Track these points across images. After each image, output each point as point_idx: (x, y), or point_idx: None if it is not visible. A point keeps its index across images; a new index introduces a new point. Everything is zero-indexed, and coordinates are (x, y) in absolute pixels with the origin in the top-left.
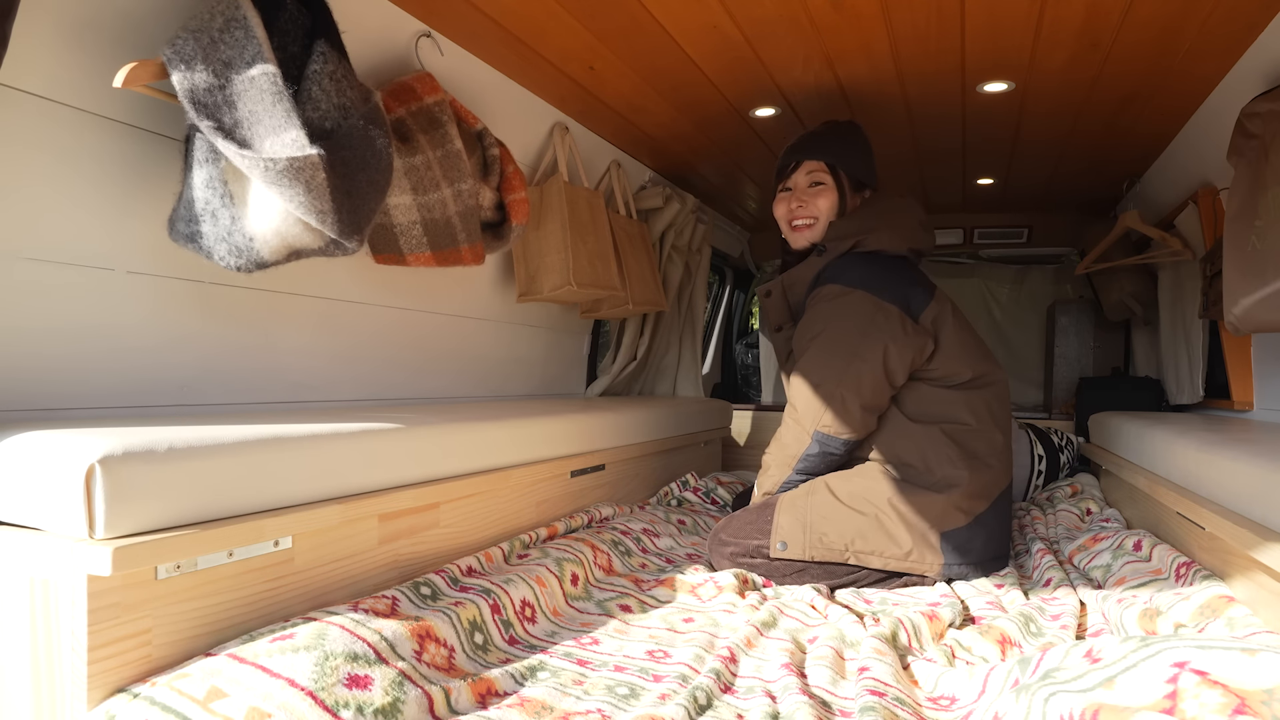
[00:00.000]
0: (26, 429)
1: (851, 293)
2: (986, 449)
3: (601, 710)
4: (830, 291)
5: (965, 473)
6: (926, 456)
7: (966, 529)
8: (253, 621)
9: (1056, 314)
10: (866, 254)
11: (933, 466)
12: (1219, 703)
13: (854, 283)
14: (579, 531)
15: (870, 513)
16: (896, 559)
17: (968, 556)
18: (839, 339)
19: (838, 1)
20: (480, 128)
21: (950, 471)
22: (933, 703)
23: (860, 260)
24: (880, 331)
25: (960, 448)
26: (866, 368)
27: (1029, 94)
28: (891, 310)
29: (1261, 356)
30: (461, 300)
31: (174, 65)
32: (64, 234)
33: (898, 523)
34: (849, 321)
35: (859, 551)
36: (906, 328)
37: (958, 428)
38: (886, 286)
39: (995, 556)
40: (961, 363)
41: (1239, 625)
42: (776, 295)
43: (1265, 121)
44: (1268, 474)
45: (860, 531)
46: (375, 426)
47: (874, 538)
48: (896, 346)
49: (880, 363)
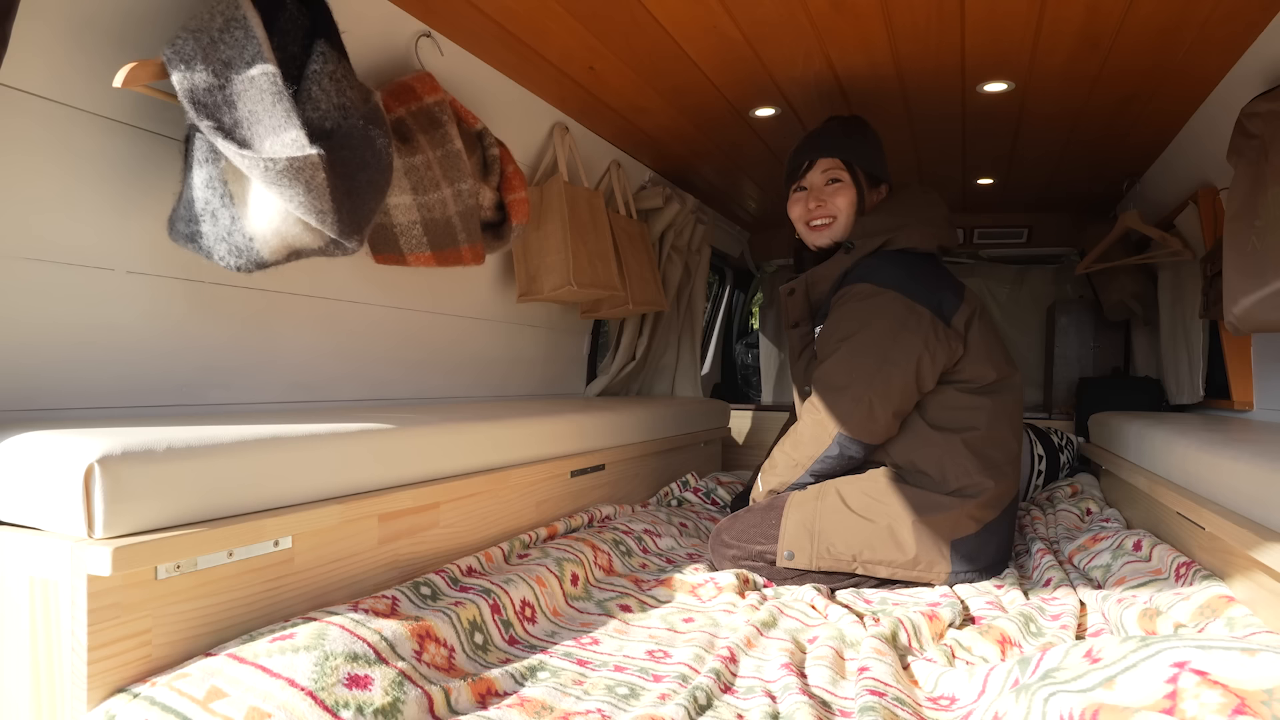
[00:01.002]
0: (26, 429)
1: (884, 293)
2: (1003, 457)
3: (601, 710)
4: (862, 290)
5: (981, 482)
6: (944, 467)
7: (976, 537)
8: (253, 621)
9: (1056, 314)
10: (896, 252)
11: (949, 477)
12: (1219, 703)
13: (887, 282)
14: (579, 531)
15: (882, 522)
16: (904, 568)
17: (976, 564)
18: (870, 341)
19: (837, 1)
20: (480, 128)
21: (966, 482)
22: (933, 703)
23: (891, 259)
24: (913, 335)
25: (978, 458)
26: (897, 372)
27: (1029, 94)
28: (924, 313)
29: (1261, 356)
30: (461, 300)
31: (174, 65)
32: (64, 234)
33: (908, 533)
34: (881, 323)
35: (866, 561)
36: (939, 332)
37: (977, 435)
38: (920, 288)
39: (1000, 560)
40: (988, 365)
41: (1239, 625)
42: (800, 293)
43: (1265, 121)
44: (1268, 474)
45: (869, 542)
46: (375, 426)
47: (882, 548)
48: (929, 352)
49: (912, 368)
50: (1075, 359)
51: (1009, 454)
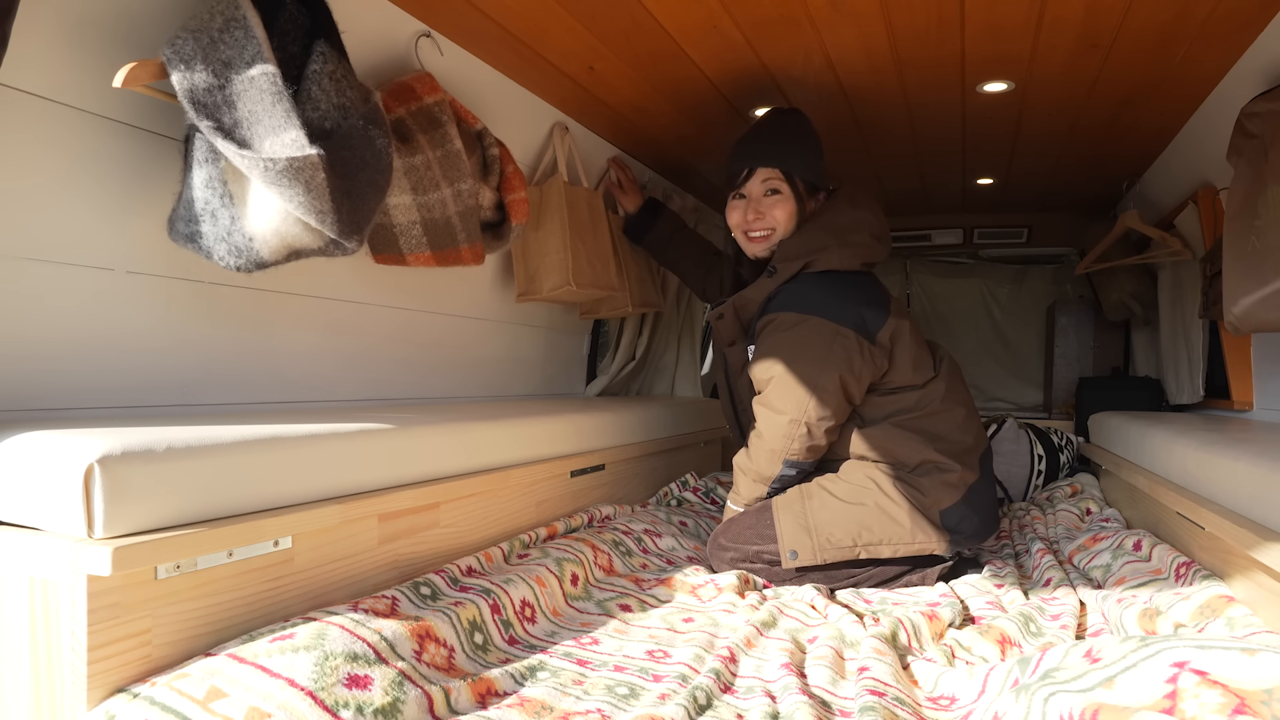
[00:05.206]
0: (26, 429)
1: (807, 320)
2: (946, 426)
3: (601, 710)
4: (784, 320)
5: (933, 452)
6: (889, 449)
7: (963, 503)
8: (252, 621)
9: (1056, 314)
10: (818, 274)
11: (900, 457)
12: (1219, 702)
13: (808, 309)
14: (579, 531)
15: (870, 501)
16: (905, 543)
17: (969, 526)
18: (799, 369)
19: (837, 1)
20: (480, 128)
21: (921, 456)
22: (932, 702)
23: (813, 281)
24: (837, 359)
25: (920, 433)
26: (829, 396)
27: (1029, 94)
28: (848, 334)
29: (1261, 356)
30: (461, 300)
31: (174, 65)
32: (64, 234)
33: (897, 506)
34: (806, 352)
35: (868, 544)
36: (864, 351)
37: (909, 416)
38: (842, 308)
39: (993, 519)
40: (911, 372)
41: (1239, 625)
42: (729, 317)
43: (1265, 121)
44: (1268, 474)
45: (864, 523)
46: (375, 426)
47: (879, 527)
48: (854, 373)
49: (839, 389)
50: (1075, 359)
51: (955, 420)
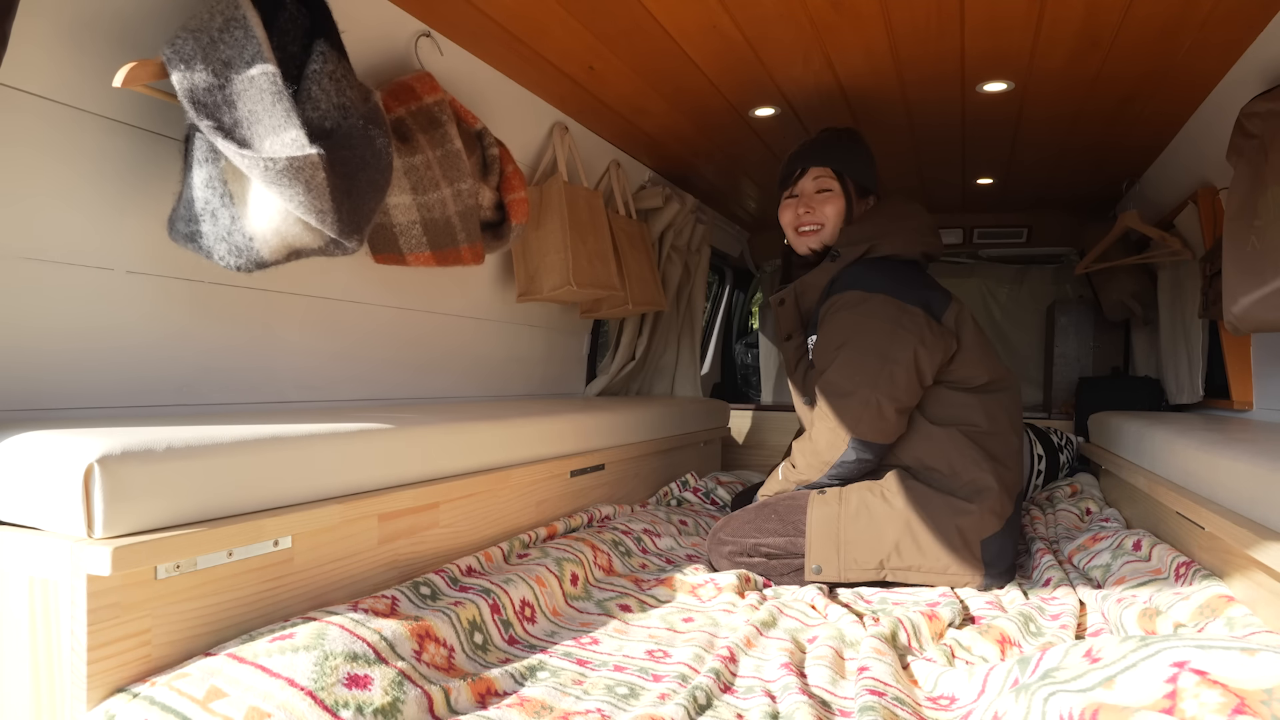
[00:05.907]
0: (26, 429)
1: (873, 297)
2: (1004, 451)
3: (601, 710)
4: (852, 298)
5: (990, 476)
6: (951, 459)
7: (1002, 534)
8: (252, 621)
9: (1056, 314)
10: (881, 259)
11: (958, 470)
12: (1218, 702)
13: (875, 287)
14: (579, 531)
15: (902, 522)
16: (936, 573)
17: (1003, 562)
18: (868, 344)
19: (837, 1)
20: (480, 127)
21: (976, 475)
22: (932, 702)
23: (876, 265)
24: (908, 333)
25: (982, 450)
26: (900, 369)
27: (1029, 94)
28: (916, 312)
29: (1261, 356)
30: (461, 300)
31: (173, 65)
32: (64, 234)
33: (931, 532)
34: (876, 325)
35: (895, 568)
36: (932, 328)
37: (976, 430)
38: (907, 289)
39: (1015, 563)
40: (980, 366)
41: (1238, 625)
42: (790, 303)
43: (1265, 121)
44: (1268, 474)
45: (896, 546)
46: (374, 426)
47: (909, 552)
48: (925, 347)
49: (912, 363)
50: (1075, 359)
51: (1010, 449)
